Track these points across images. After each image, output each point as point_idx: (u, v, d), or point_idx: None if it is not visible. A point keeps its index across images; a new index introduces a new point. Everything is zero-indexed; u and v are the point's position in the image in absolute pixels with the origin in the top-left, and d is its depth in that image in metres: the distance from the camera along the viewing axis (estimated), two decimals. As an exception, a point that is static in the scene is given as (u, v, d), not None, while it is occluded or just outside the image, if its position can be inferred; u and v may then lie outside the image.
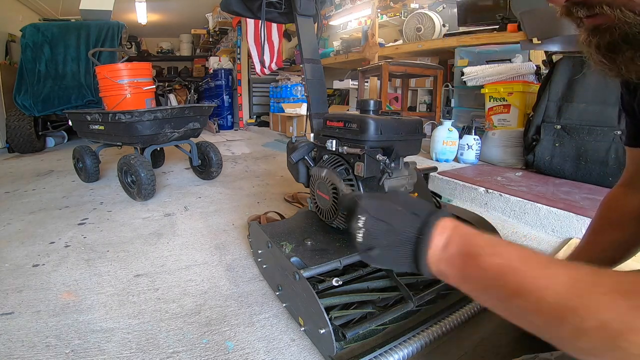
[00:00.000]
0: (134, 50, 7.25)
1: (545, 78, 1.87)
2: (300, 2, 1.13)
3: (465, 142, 2.10)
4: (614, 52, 0.39)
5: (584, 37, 0.41)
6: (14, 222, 1.51)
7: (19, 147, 3.37)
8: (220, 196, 1.88)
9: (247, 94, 5.53)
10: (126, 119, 1.70)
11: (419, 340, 0.72)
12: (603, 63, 0.41)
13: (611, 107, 1.64)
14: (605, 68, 0.41)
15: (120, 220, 1.53)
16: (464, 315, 0.80)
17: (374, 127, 0.82)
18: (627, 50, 0.38)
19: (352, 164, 0.85)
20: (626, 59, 0.38)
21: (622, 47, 0.38)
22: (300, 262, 0.79)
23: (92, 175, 2.14)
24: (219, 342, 0.77)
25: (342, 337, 0.67)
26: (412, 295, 0.75)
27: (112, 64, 2.50)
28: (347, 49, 3.78)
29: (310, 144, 1.06)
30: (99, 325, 0.83)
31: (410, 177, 0.93)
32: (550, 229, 1.33)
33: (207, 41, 6.79)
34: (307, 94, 1.14)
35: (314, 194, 0.97)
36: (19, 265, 1.13)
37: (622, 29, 0.36)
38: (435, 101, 2.90)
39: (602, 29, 0.38)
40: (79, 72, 3.43)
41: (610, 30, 0.37)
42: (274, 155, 3.20)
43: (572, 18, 0.40)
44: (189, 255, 1.19)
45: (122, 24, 3.64)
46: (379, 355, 0.68)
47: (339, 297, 0.75)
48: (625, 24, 0.35)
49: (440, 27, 2.96)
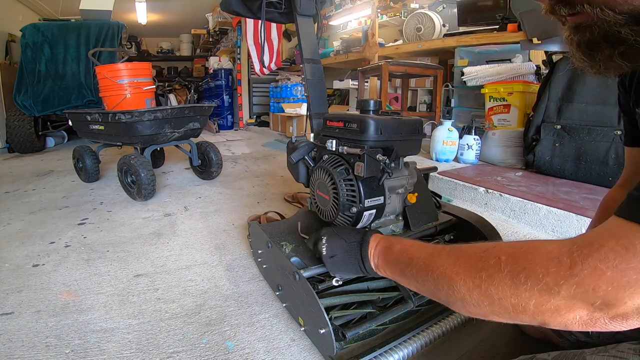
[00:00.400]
0: (134, 50, 7.25)
1: (545, 78, 1.87)
2: (300, 2, 1.13)
3: (465, 142, 2.10)
4: (594, 49, 0.39)
5: (567, 35, 0.42)
6: (14, 222, 1.51)
7: (19, 147, 3.37)
8: (220, 196, 1.88)
9: (247, 94, 5.53)
10: (126, 119, 1.70)
11: (419, 340, 0.72)
12: (583, 60, 0.41)
13: (611, 107, 1.64)
14: (586, 65, 0.41)
15: (120, 220, 1.53)
16: (463, 315, 0.80)
17: (374, 127, 0.82)
18: (606, 48, 0.38)
19: (352, 164, 0.85)
20: (605, 57, 0.39)
21: (602, 45, 0.38)
22: (300, 262, 0.79)
23: (92, 175, 2.14)
24: (219, 342, 0.77)
25: (342, 337, 0.67)
26: (412, 295, 0.74)
27: (112, 64, 2.50)
28: (347, 49, 3.78)
29: (310, 144, 1.06)
30: (99, 325, 0.83)
31: (410, 177, 0.93)
32: (550, 229, 1.33)
33: (207, 41, 6.78)
34: (307, 93, 1.14)
35: (314, 194, 0.97)
36: (19, 265, 1.13)
37: (601, 27, 0.37)
38: (435, 101, 2.90)
39: (583, 27, 0.39)
40: (79, 72, 3.43)
41: (590, 29, 0.38)
42: (274, 155, 3.20)
43: (556, 16, 0.41)
44: (189, 255, 1.19)
45: (122, 24, 3.64)
46: (379, 355, 0.68)
47: (339, 297, 0.75)
48: (605, 23, 0.36)
49: (440, 27, 2.96)
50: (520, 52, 2.29)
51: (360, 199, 0.83)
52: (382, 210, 0.89)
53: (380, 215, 0.89)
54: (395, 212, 0.95)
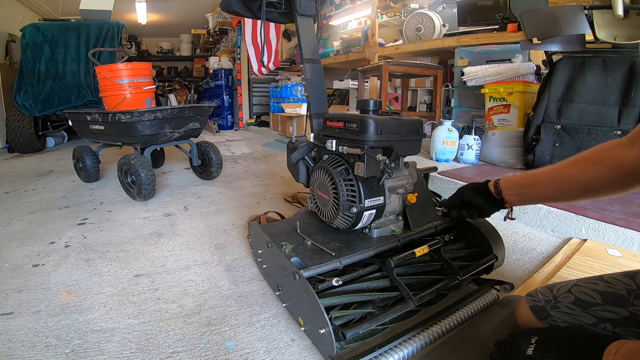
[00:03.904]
0: (134, 50, 7.25)
1: (545, 78, 1.87)
2: (300, 2, 1.13)
3: (465, 142, 2.10)
4: None
5: None
6: (14, 222, 1.51)
7: (19, 147, 3.37)
8: (220, 196, 1.88)
9: (247, 94, 5.53)
10: (126, 119, 1.70)
11: (419, 341, 0.72)
12: None
13: (611, 107, 1.64)
14: None
15: (120, 220, 1.53)
16: (463, 315, 0.80)
17: (374, 127, 0.82)
18: None
19: (352, 164, 0.85)
20: None
21: None
22: (300, 262, 0.79)
23: (92, 175, 2.14)
24: (219, 342, 0.77)
25: (342, 337, 0.67)
26: (412, 295, 0.74)
27: (112, 64, 2.50)
28: (347, 49, 3.78)
29: (310, 144, 1.06)
30: (99, 325, 0.83)
31: (410, 177, 0.93)
32: (550, 229, 1.33)
33: (207, 41, 6.79)
34: (307, 94, 1.14)
35: (314, 194, 0.97)
36: (19, 265, 1.13)
37: None
38: (435, 101, 2.90)
39: None
40: (79, 72, 3.43)
41: None
42: (274, 155, 3.20)
43: None
44: (189, 255, 1.19)
45: (122, 24, 3.64)
46: (379, 355, 0.68)
47: (339, 297, 0.75)
48: None
49: (440, 27, 2.96)
50: (520, 52, 2.29)
51: (360, 199, 0.83)
52: (382, 210, 0.89)
53: (380, 215, 0.89)
54: (395, 212, 0.95)
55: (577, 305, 0.62)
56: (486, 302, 0.85)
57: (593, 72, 1.70)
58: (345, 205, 0.85)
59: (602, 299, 0.61)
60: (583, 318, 0.60)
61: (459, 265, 0.85)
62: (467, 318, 0.80)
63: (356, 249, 0.84)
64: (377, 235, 0.91)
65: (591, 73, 1.71)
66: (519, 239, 1.28)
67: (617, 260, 1.08)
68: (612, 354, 0.47)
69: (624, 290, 0.60)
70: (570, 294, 0.64)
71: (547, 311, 0.65)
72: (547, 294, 0.67)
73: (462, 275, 0.82)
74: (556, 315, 0.63)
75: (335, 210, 0.88)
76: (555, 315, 0.63)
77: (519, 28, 2.22)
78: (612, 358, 0.46)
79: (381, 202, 0.86)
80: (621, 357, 0.46)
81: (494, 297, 0.88)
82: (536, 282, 0.97)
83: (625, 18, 1.46)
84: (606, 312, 0.59)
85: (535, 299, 0.68)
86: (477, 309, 0.83)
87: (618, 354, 0.46)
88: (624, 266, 1.05)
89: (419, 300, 0.75)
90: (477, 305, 0.83)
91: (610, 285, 0.62)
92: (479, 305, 0.84)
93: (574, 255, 1.10)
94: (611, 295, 0.60)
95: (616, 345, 0.47)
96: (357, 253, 0.82)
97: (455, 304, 0.83)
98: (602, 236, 1.20)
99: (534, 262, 1.11)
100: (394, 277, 0.79)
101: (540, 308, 0.66)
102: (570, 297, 0.63)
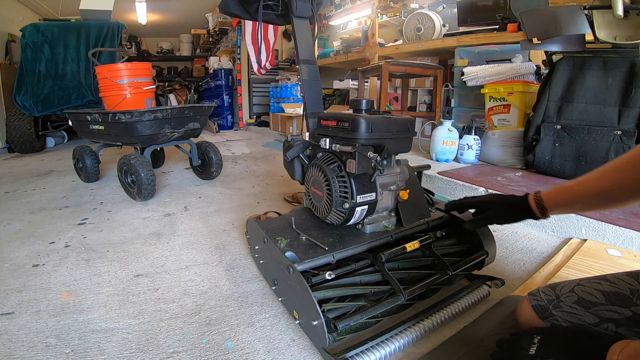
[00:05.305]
0: (134, 50, 7.25)
1: (545, 78, 1.87)
2: (297, 4, 1.14)
3: (465, 142, 2.10)
4: None
5: None
6: (14, 222, 1.51)
7: (19, 147, 3.37)
8: (220, 196, 1.88)
9: (247, 94, 5.53)
10: (126, 119, 1.70)
11: (411, 334, 0.74)
12: None
13: (611, 107, 1.64)
14: None
15: (120, 220, 1.53)
16: (454, 310, 0.82)
17: (365, 125, 0.84)
18: None
19: (344, 162, 0.87)
20: None
21: None
22: (295, 256, 0.80)
23: (92, 175, 2.14)
24: (219, 342, 0.77)
25: (334, 328, 0.68)
26: (402, 289, 0.75)
27: (112, 64, 2.50)
28: (347, 49, 3.78)
29: (305, 142, 1.08)
30: (99, 325, 0.83)
31: (401, 174, 0.94)
32: (550, 229, 1.33)
33: (207, 41, 6.78)
34: (303, 94, 1.15)
35: (309, 190, 0.99)
36: (19, 265, 1.13)
37: None
38: (435, 101, 2.89)
39: None
40: (79, 72, 3.43)
41: None
42: (274, 155, 3.20)
43: None
44: (189, 255, 1.19)
45: (122, 24, 3.64)
46: (371, 347, 0.70)
47: (332, 291, 0.76)
48: None
49: (440, 27, 2.96)
50: (520, 52, 2.29)
51: (353, 195, 0.85)
52: (374, 206, 0.90)
53: (372, 211, 0.91)
54: (387, 208, 0.96)
55: (579, 304, 0.62)
56: (477, 298, 0.87)
57: (593, 72, 1.70)
58: (338, 201, 0.86)
59: (605, 298, 0.61)
60: (585, 318, 0.60)
61: (450, 261, 0.86)
62: (458, 313, 0.82)
63: (349, 243, 0.85)
64: (369, 230, 0.92)
65: (591, 73, 1.71)
66: (519, 238, 1.28)
67: (617, 260, 1.08)
68: (616, 354, 0.47)
69: (627, 290, 0.60)
70: (573, 294, 0.64)
71: (549, 310, 0.65)
72: (550, 294, 0.67)
73: (453, 270, 0.83)
74: (559, 314, 0.63)
75: (328, 206, 0.89)
76: (557, 315, 0.63)
77: (519, 28, 2.22)
78: (616, 358, 0.46)
79: (373, 198, 0.88)
80: (626, 356, 0.46)
81: (485, 292, 0.90)
82: (536, 282, 0.97)
83: (625, 18, 1.46)
84: (609, 311, 0.59)
85: (537, 299, 0.68)
86: (468, 304, 0.85)
87: (622, 353, 0.46)
88: (624, 266, 1.05)
89: (409, 294, 0.76)
90: (468, 301, 0.85)
91: (613, 285, 0.62)
92: (469, 301, 0.85)
93: (574, 255, 1.10)
94: (614, 295, 0.60)
95: (620, 345, 0.48)
96: (350, 248, 0.84)
97: (447, 299, 0.85)
98: (602, 236, 1.20)
99: (534, 262, 1.12)
100: (385, 271, 0.80)
101: (543, 307, 0.66)
102: (573, 297, 0.63)
